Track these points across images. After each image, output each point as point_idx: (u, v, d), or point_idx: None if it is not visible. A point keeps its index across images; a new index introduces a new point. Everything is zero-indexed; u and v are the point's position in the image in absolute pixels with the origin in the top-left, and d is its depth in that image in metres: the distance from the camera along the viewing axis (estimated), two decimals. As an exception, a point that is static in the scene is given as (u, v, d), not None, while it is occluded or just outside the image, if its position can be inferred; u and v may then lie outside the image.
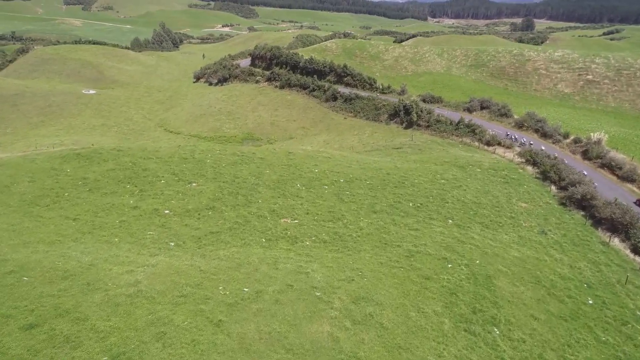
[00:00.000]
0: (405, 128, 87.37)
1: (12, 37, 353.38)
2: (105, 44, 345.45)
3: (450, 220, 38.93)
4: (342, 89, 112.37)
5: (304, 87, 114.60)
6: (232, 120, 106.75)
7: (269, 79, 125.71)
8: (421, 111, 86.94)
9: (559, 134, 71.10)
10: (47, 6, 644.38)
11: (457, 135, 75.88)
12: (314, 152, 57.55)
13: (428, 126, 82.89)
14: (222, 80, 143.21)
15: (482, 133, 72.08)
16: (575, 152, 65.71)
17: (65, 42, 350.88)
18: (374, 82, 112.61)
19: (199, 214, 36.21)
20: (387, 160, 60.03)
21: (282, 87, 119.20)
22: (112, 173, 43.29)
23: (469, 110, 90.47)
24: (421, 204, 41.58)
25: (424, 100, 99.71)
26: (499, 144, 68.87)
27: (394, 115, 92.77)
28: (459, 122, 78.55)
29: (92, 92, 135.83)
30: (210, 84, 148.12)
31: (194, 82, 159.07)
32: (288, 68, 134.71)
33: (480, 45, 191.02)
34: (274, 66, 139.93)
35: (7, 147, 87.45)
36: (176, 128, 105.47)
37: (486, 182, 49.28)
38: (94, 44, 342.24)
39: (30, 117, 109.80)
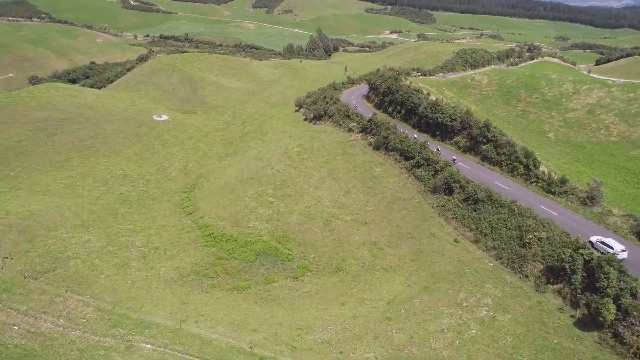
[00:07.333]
0: (581, 323, 36.23)
1: (185, 38, 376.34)
2: (261, 48, 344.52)
3: None
4: (471, 164, 63.75)
5: (405, 156, 68.68)
6: (276, 199, 67.44)
7: (364, 130, 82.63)
8: (632, 293, 34.78)
9: None
10: (237, 9, 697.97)
11: None
12: None
13: (647, 357, 30.86)
14: (317, 117, 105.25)
15: None
16: None
17: (227, 45, 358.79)
18: (534, 166, 60.46)
19: None
20: None
21: (376, 148, 75.11)
22: None
23: None
24: None
25: (638, 236, 45.67)
26: None
27: (557, 272, 41.71)
28: None
29: (163, 118, 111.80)
30: (306, 118, 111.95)
31: (295, 112, 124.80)
32: (403, 112, 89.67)
33: None
34: (386, 104, 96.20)
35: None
36: (196, 201, 70.82)
37: None
38: (253, 48, 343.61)
39: (59, 152, 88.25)
